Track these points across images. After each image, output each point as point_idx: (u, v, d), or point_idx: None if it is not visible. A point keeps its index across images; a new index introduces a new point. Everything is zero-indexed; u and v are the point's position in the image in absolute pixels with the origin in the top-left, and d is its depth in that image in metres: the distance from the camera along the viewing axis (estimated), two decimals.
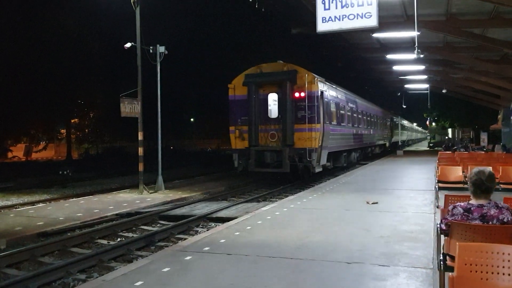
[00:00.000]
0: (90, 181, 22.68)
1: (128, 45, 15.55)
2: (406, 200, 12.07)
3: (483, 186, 4.15)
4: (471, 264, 3.13)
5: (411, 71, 24.77)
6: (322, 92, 18.75)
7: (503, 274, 3.08)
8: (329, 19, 8.69)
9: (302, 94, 17.69)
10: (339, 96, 22.51)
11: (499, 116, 36.54)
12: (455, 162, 15.12)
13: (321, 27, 8.81)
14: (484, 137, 37.15)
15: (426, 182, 16.51)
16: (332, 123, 20.86)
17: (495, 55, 21.08)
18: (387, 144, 41.19)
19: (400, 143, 52.99)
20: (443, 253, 4.33)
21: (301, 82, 17.74)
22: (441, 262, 4.28)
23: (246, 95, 18.21)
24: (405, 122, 63.80)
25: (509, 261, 3.08)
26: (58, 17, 38.89)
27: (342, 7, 8.60)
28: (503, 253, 3.10)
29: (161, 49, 16.43)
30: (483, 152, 23.21)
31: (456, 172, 11.62)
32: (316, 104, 17.84)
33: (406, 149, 51.53)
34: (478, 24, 15.02)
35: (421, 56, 11.52)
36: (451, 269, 4.29)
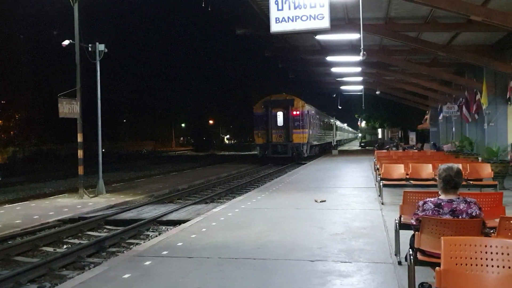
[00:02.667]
0: (22, 186, 21.40)
1: (66, 42, 14.80)
2: (351, 197, 12.42)
3: (452, 182, 4.32)
4: (456, 258, 3.23)
5: (348, 73, 25.54)
6: (308, 111, 32.93)
7: (487, 265, 3.21)
8: (282, 19, 8.72)
9: (298, 113, 31.67)
10: (313, 112, 36.51)
11: (427, 116, 38.60)
12: (393, 160, 15.72)
13: (275, 27, 8.83)
14: (412, 136, 39.08)
15: (366, 179, 17.12)
16: (311, 128, 34.47)
17: (426, 58, 22.23)
18: (332, 142, 53.27)
19: (335, 143, 55.87)
20: (414, 248, 4.45)
21: (297, 106, 31.86)
22: (412, 257, 4.40)
23: (264, 112, 31.83)
24: (340, 124, 69.52)
25: (491, 253, 3.22)
26: None
27: (295, 8, 8.66)
28: (487, 246, 3.23)
29: (101, 47, 15.79)
30: (415, 151, 24.36)
31: (399, 170, 12.07)
32: (305, 118, 31.93)
33: (340, 149, 53.22)
34: (414, 28, 15.74)
35: (365, 57, 11.81)
36: (422, 263, 4.45)
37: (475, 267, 3.21)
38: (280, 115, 31.65)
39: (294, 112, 31.42)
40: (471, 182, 11.04)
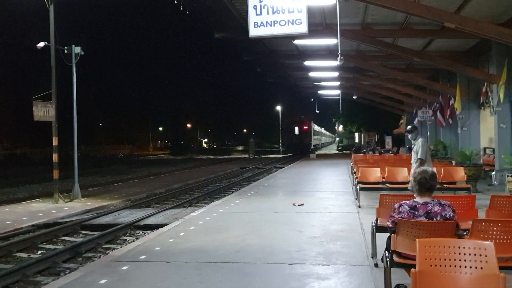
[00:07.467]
0: None
1: (41, 44, 14.57)
2: (329, 201, 12.51)
3: (427, 184, 4.41)
4: (431, 259, 3.31)
5: (326, 77, 25.78)
6: (311, 126, 59.53)
7: (460, 266, 3.29)
8: (261, 24, 8.78)
9: (306, 127, 57.87)
10: (313, 126, 61.38)
11: (402, 121, 39.18)
12: (370, 164, 15.92)
13: (253, 32, 8.88)
14: (388, 140, 39.58)
15: (343, 183, 17.26)
16: (313, 135, 60.61)
17: (401, 63, 22.63)
18: (320, 144, 76.41)
19: (313, 147, 58.57)
20: (390, 250, 4.52)
21: (305, 123, 57.94)
22: (388, 259, 4.46)
23: (288, 127, 58.16)
24: (319, 128, 76.91)
25: (464, 254, 3.31)
26: None
27: (273, 13, 8.73)
28: (460, 247, 3.32)
29: (77, 49, 15.58)
30: (391, 154, 24.69)
31: (375, 173, 12.22)
32: (311, 130, 59.34)
33: (318, 153, 53.75)
34: (390, 34, 16.01)
35: (342, 62, 11.94)
36: (398, 265, 4.52)
37: (449, 268, 3.29)
38: (296, 128, 56.30)
39: (304, 127, 56.79)
40: (445, 185, 11.26)
